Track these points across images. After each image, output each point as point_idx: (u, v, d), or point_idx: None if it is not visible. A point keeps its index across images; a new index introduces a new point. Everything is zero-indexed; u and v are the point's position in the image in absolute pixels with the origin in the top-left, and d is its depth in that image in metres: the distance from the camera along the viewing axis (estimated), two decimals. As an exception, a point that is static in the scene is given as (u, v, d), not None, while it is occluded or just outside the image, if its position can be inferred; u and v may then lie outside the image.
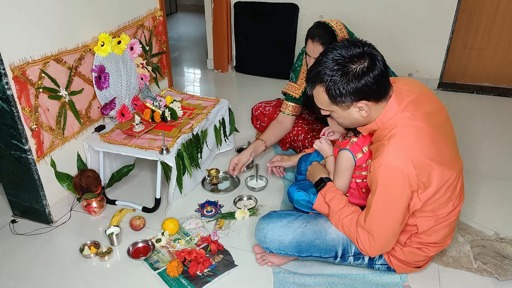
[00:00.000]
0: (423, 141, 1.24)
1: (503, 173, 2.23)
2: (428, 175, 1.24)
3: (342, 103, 1.25)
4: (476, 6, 3.04)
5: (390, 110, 1.27)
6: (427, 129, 1.26)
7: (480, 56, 3.19)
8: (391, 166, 1.23)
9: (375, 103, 1.26)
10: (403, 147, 1.23)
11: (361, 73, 1.20)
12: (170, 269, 1.55)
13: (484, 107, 3.03)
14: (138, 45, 2.08)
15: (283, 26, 3.38)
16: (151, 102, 2.04)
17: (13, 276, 1.60)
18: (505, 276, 1.53)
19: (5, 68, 1.50)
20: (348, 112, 1.28)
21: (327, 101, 1.27)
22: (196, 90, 3.53)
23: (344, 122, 1.35)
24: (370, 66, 1.20)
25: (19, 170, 1.73)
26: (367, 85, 1.20)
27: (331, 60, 1.22)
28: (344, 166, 1.49)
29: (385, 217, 1.31)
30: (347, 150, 1.48)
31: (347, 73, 1.20)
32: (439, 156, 1.26)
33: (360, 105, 1.25)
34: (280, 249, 1.50)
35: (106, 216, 1.91)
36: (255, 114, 2.33)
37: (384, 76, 1.24)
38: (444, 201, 1.33)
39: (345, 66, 1.20)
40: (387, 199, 1.28)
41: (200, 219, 1.87)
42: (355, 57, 1.20)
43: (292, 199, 1.59)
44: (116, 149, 1.86)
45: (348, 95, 1.23)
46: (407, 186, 1.24)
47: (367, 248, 1.37)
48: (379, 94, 1.25)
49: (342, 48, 1.22)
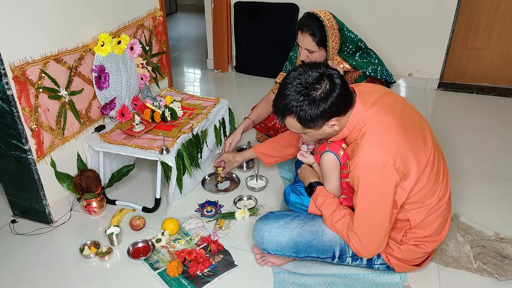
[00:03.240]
0: (393, 131, 1.28)
1: (503, 173, 2.23)
2: (405, 164, 1.26)
3: (315, 126, 1.31)
4: (476, 6, 3.04)
5: (357, 112, 1.32)
6: (394, 119, 1.30)
7: (480, 56, 3.19)
8: (368, 162, 1.25)
9: (344, 115, 1.32)
10: (376, 142, 1.27)
11: (325, 96, 1.25)
12: (170, 269, 1.55)
13: (484, 107, 3.03)
14: (138, 45, 2.08)
15: (283, 26, 3.38)
16: (151, 102, 2.04)
17: (13, 276, 1.60)
18: (505, 276, 1.53)
19: (5, 68, 1.50)
20: (321, 130, 1.34)
21: (300, 127, 1.33)
22: (196, 90, 3.53)
23: (319, 137, 1.43)
24: (331, 86, 1.25)
25: (19, 170, 1.73)
26: (334, 104, 1.26)
27: (294, 92, 1.26)
28: (329, 168, 1.50)
29: (372, 216, 1.32)
30: (328, 152, 1.49)
31: (314, 100, 1.25)
32: (411, 143, 1.29)
33: (332, 123, 1.31)
34: (277, 250, 1.50)
35: (106, 216, 1.91)
36: None
37: (347, 91, 1.30)
38: (429, 189, 1.34)
39: (309, 95, 1.25)
40: (371, 197, 1.29)
41: (200, 219, 1.87)
42: (315, 83, 1.25)
43: (288, 201, 1.61)
44: (116, 149, 1.86)
45: (319, 118, 1.28)
46: (389, 179, 1.26)
47: (360, 250, 1.38)
48: (346, 106, 1.31)
49: (301, 76, 1.26)
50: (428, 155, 1.33)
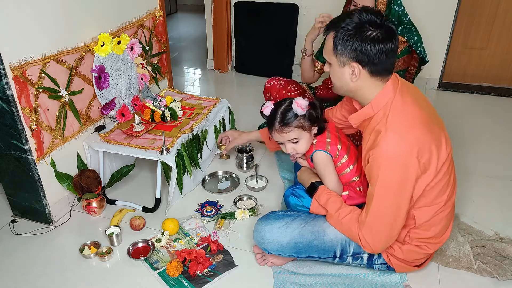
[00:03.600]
0: (418, 124, 1.26)
1: (503, 173, 2.23)
2: (427, 157, 1.25)
3: (341, 56, 1.28)
4: (476, 6, 3.03)
5: (386, 94, 1.29)
6: (420, 112, 1.29)
7: (480, 56, 3.19)
8: (392, 153, 1.23)
9: (369, 75, 1.28)
10: (400, 132, 1.24)
11: (371, 39, 1.23)
12: (170, 269, 1.55)
13: (484, 107, 3.03)
14: (138, 45, 2.08)
15: (283, 26, 3.38)
16: (151, 102, 2.04)
17: (13, 276, 1.60)
18: (505, 276, 1.53)
19: (5, 68, 1.50)
20: (341, 70, 1.30)
21: (331, 49, 1.30)
22: (196, 90, 3.53)
23: (336, 82, 1.37)
24: (383, 38, 1.23)
25: (19, 170, 1.73)
26: (369, 51, 1.23)
27: (357, 17, 1.25)
28: (323, 165, 1.52)
29: (388, 208, 1.29)
30: (316, 151, 1.52)
31: (360, 31, 1.23)
32: (435, 138, 1.28)
33: (353, 67, 1.27)
34: (278, 250, 1.50)
35: (106, 216, 1.91)
36: (268, 86, 2.28)
37: (390, 55, 1.26)
38: (441, 188, 1.34)
39: (363, 26, 1.23)
40: (391, 188, 1.27)
41: (200, 219, 1.87)
42: (378, 26, 1.23)
43: (288, 203, 1.61)
44: (116, 149, 1.86)
45: (348, 49, 1.25)
46: (410, 171, 1.24)
47: (370, 243, 1.35)
48: (377, 67, 1.27)
49: (366, 15, 1.25)
50: (447, 152, 1.32)
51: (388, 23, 1.25)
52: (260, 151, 2.42)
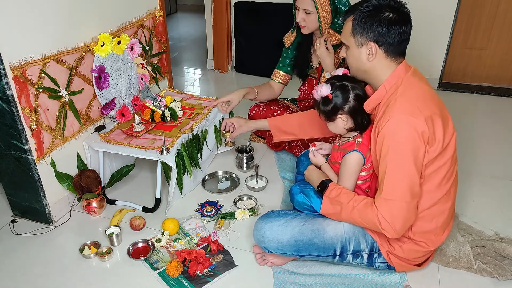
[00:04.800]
0: (428, 97, 1.34)
1: (503, 173, 2.24)
2: (435, 127, 1.28)
3: (359, 36, 1.34)
4: (476, 6, 3.04)
5: (398, 74, 1.36)
6: (429, 90, 1.38)
7: (480, 56, 3.19)
8: (402, 117, 1.26)
9: (385, 55, 1.34)
10: (410, 99, 1.30)
11: (388, 20, 1.30)
12: (170, 269, 1.55)
13: (484, 107, 3.03)
14: (138, 45, 2.08)
15: (283, 26, 3.37)
16: (151, 102, 2.04)
17: (13, 276, 1.60)
18: (505, 276, 1.53)
19: (5, 68, 1.50)
20: (359, 50, 1.36)
21: (349, 31, 1.36)
22: (196, 90, 3.53)
23: (353, 63, 1.42)
24: (399, 20, 1.30)
25: (19, 170, 1.73)
26: (386, 31, 1.30)
27: (375, 1, 1.33)
28: (352, 169, 1.48)
29: (402, 180, 1.28)
30: (356, 152, 1.47)
31: (378, 13, 1.31)
32: (442, 115, 1.33)
33: (371, 46, 1.33)
34: (279, 249, 1.50)
35: (106, 216, 1.91)
36: (251, 115, 2.34)
37: (404, 38, 1.33)
38: (445, 174, 1.36)
39: (381, 9, 1.31)
40: (402, 158, 1.27)
41: (200, 219, 1.87)
42: (394, 9, 1.30)
43: (294, 199, 1.59)
44: (116, 149, 1.86)
45: (367, 30, 1.32)
46: (420, 134, 1.26)
47: (390, 222, 1.29)
48: (392, 47, 1.33)
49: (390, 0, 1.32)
50: (451, 134, 1.36)
51: (403, 8, 1.33)
52: (260, 151, 2.42)
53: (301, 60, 2.20)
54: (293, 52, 2.23)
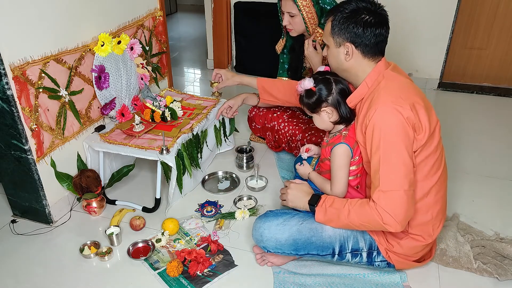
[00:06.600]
0: (410, 87, 1.38)
1: (503, 173, 2.23)
2: (419, 115, 1.31)
3: (337, 37, 1.39)
4: (476, 6, 3.04)
5: (378, 71, 1.40)
6: (410, 82, 1.41)
7: (480, 56, 3.19)
8: (388, 107, 1.29)
9: (362, 55, 1.39)
10: (393, 90, 1.33)
11: (364, 22, 1.34)
12: (170, 269, 1.55)
13: (484, 107, 3.03)
14: (138, 45, 2.08)
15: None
16: (151, 102, 2.04)
17: (13, 276, 1.60)
18: (505, 276, 1.53)
19: (5, 68, 1.50)
20: (337, 50, 1.41)
21: (329, 31, 1.41)
22: (196, 90, 3.53)
23: (333, 62, 1.47)
24: (375, 22, 1.35)
25: (19, 170, 1.73)
26: (362, 33, 1.35)
27: (354, 4, 1.37)
28: (342, 161, 1.50)
29: (397, 167, 1.28)
30: (343, 144, 1.49)
31: (355, 15, 1.36)
32: (425, 105, 1.36)
33: (348, 47, 1.38)
34: (277, 248, 1.50)
35: (106, 216, 1.91)
36: (251, 116, 2.35)
37: (380, 39, 1.38)
38: (433, 164, 1.38)
39: (359, 11, 1.36)
40: (394, 145, 1.28)
41: (200, 219, 1.87)
42: (372, 13, 1.36)
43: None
44: (116, 149, 1.86)
45: (344, 31, 1.37)
46: (407, 124, 1.28)
47: (392, 214, 1.27)
48: (368, 48, 1.38)
49: (368, 3, 1.38)
50: (435, 122, 1.38)
51: (381, 11, 1.38)
52: (260, 151, 2.42)
53: (295, 63, 2.23)
54: (288, 56, 2.26)
